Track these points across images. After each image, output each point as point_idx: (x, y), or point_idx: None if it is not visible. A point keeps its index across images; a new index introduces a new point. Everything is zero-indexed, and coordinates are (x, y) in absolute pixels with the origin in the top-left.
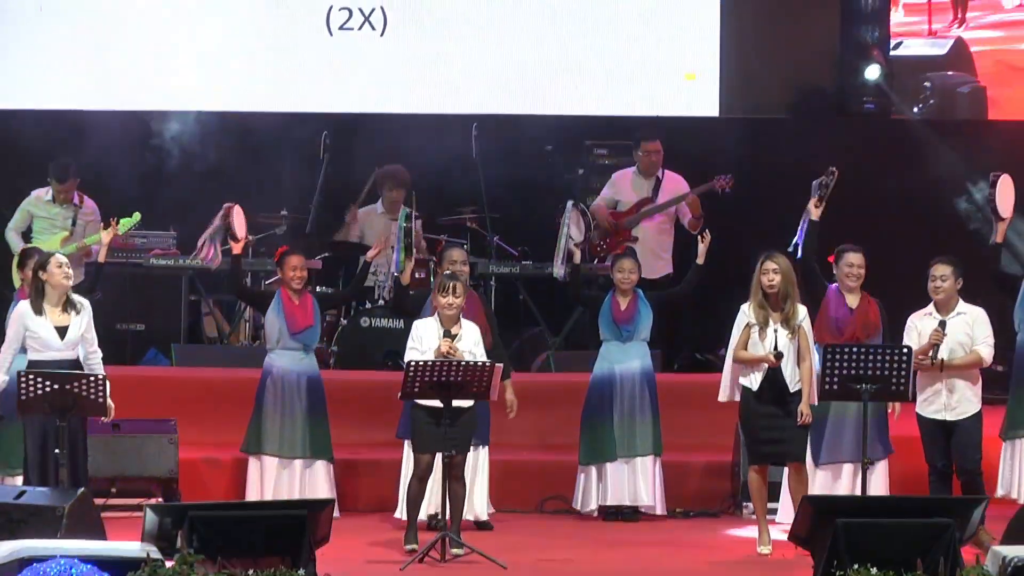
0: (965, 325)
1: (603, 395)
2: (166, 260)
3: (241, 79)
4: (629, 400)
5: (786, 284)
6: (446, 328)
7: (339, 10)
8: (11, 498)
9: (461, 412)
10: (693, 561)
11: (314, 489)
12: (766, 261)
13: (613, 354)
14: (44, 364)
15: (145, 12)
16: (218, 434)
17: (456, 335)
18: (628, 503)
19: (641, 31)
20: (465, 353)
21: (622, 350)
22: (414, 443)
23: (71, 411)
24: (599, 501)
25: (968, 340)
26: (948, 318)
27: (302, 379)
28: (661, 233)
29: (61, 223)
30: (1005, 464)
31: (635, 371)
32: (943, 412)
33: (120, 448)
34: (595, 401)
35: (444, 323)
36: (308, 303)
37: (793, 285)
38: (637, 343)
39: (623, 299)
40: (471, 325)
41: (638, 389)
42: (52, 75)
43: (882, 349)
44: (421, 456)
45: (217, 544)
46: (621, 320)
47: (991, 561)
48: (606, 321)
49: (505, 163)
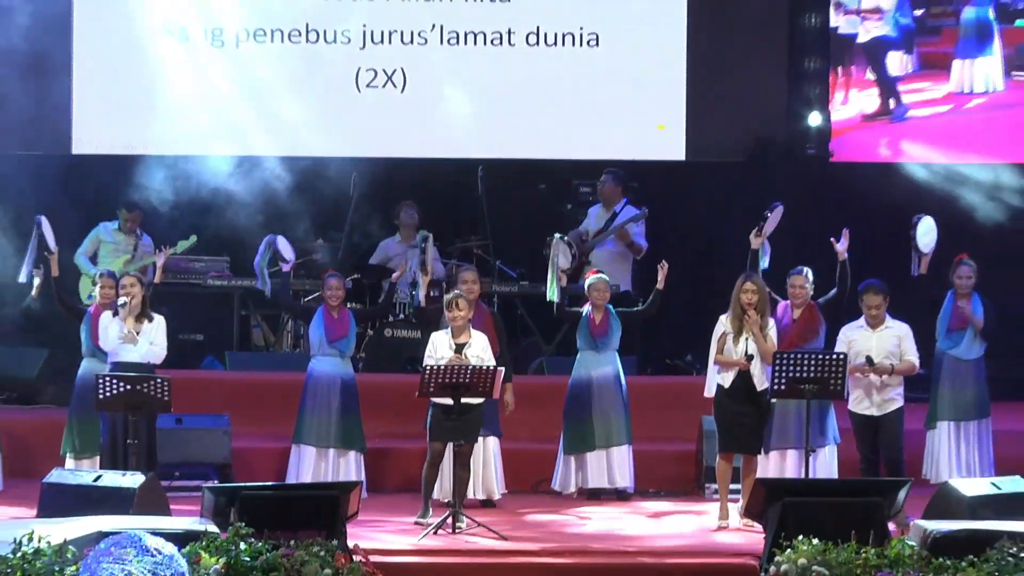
0: (893, 337)
1: (581, 396)
2: (221, 281)
3: (282, 128)
4: (605, 399)
5: (762, 301)
6: (456, 338)
7: (366, 71)
8: (90, 481)
9: (469, 409)
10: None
11: (347, 474)
12: (746, 282)
13: (589, 361)
14: (121, 367)
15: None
16: (264, 427)
17: (466, 343)
18: (607, 486)
19: (619, 88)
20: (474, 358)
21: (596, 358)
22: (429, 434)
23: (141, 408)
24: (578, 485)
25: (896, 350)
26: (877, 332)
27: (338, 381)
28: (614, 257)
29: (124, 248)
30: (927, 451)
31: (609, 375)
32: (871, 409)
33: (182, 439)
34: (574, 401)
35: (454, 334)
36: (345, 317)
37: (766, 302)
38: (609, 352)
39: (598, 315)
40: (479, 335)
41: (612, 390)
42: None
43: (821, 356)
44: (434, 444)
45: (264, 519)
46: (596, 333)
47: (914, 533)
48: (584, 334)
49: (505, 199)
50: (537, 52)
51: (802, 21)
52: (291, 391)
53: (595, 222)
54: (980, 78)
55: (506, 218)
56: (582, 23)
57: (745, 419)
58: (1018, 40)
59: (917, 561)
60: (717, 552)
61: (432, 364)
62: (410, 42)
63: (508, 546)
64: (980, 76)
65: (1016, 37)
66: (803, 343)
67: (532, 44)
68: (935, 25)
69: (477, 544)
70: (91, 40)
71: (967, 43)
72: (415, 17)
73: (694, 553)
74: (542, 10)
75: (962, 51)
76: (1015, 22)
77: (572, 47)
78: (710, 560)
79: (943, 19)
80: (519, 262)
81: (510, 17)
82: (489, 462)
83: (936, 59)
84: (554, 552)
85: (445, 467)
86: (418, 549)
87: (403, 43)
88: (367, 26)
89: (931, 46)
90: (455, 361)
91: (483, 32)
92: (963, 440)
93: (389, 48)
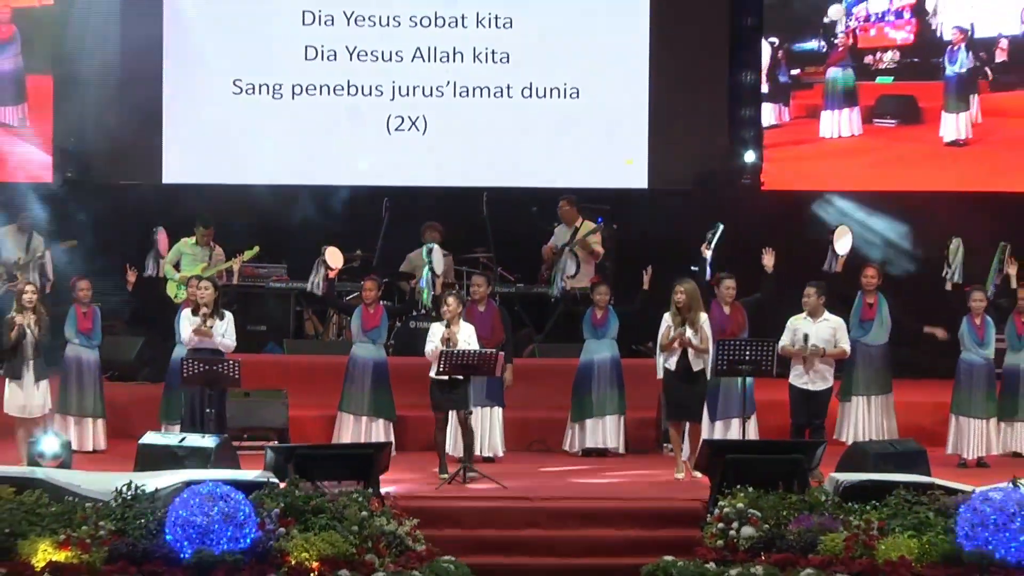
0: (830, 328)
1: (586, 376)
2: (280, 284)
3: (328, 162)
4: (603, 378)
5: (689, 300)
6: (448, 327)
7: (395, 118)
8: (176, 442)
9: (457, 384)
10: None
11: (379, 437)
12: (677, 285)
13: (592, 348)
14: (199, 351)
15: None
16: (314, 399)
17: (456, 331)
18: (600, 446)
19: (595, 131)
20: (461, 343)
21: (597, 345)
22: (432, 405)
23: (216, 384)
24: (580, 445)
25: (832, 338)
26: (816, 323)
27: (372, 363)
28: (579, 264)
29: (200, 258)
30: (841, 418)
31: (607, 359)
32: (808, 384)
33: (249, 408)
34: (581, 380)
35: (450, 323)
36: (379, 312)
37: (696, 300)
38: (608, 340)
39: (599, 311)
40: (467, 325)
41: (609, 371)
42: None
43: (755, 342)
44: (436, 414)
45: (313, 472)
46: (598, 325)
47: (828, 484)
48: (588, 326)
49: (505, 218)
50: (530, 103)
51: (739, 80)
52: (336, 371)
53: (560, 238)
54: (846, 125)
55: (505, 233)
56: (565, 80)
57: (686, 394)
58: (875, 94)
59: (830, 506)
60: (673, 498)
61: (432, 348)
62: (430, 95)
63: (507, 492)
64: (845, 123)
65: (873, 92)
66: (734, 333)
67: (526, 96)
68: (808, 81)
69: (482, 491)
70: (178, 92)
71: (833, 97)
72: (434, 76)
73: (655, 498)
74: (534, 70)
75: (829, 104)
76: (875, 79)
77: (558, 99)
78: (667, 504)
79: (814, 77)
80: (516, 268)
81: (509, 76)
82: (495, 427)
83: (808, 109)
84: (542, 497)
85: (457, 432)
86: (435, 495)
87: (424, 96)
88: (396, 83)
89: (803, 99)
90: (444, 346)
91: (488, 87)
92: (870, 410)
93: (413, 100)
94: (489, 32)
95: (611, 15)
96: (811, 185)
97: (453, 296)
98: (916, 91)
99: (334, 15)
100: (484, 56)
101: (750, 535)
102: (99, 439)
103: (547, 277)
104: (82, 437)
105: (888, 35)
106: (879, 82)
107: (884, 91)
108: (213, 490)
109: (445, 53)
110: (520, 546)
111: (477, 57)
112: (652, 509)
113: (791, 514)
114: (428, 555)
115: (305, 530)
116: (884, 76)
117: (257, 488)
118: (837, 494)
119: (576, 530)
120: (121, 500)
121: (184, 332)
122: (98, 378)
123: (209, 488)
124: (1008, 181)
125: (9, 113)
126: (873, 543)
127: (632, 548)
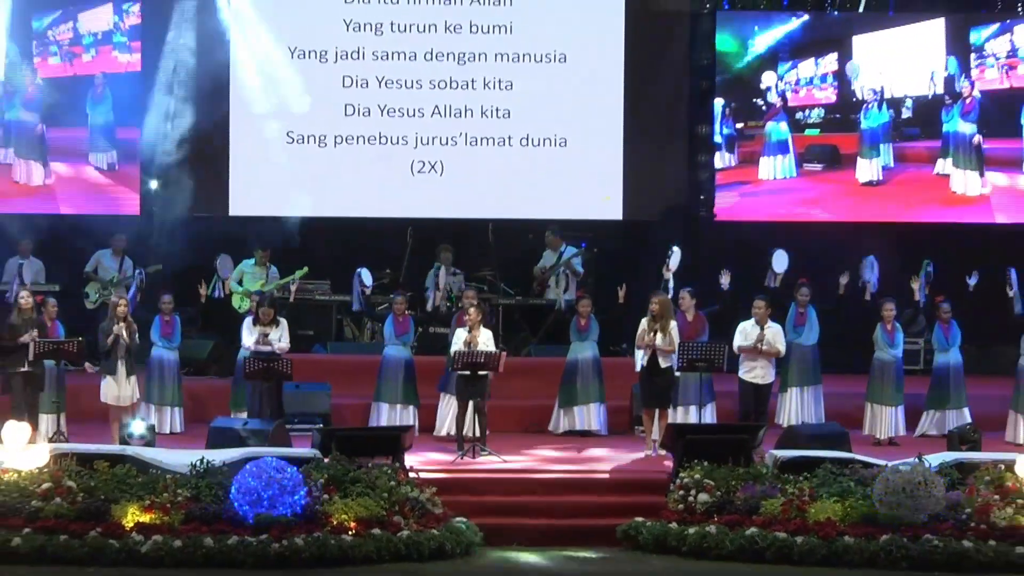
0: (771, 332)
1: (571, 371)
2: (324, 297)
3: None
4: (586, 373)
5: (662, 310)
6: (470, 332)
7: (417, 162)
8: (240, 425)
9: (478, 378)
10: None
11: (406, 421)
12: (652, 297)
13: (576, 349)
14: (259, 353)
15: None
16: (353, 390)
17: (476, 335)
18: (585, 428)
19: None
20: (482, 345)
21: (581, 347)
22: (456, 395)
23: (273, 378)
24: (566, 427)
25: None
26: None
27: (402, 361)
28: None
29: (259, 276)
30: (779, 406)
31: (589, 358)
32: (757, 379)
33: (300, 398)
34: (568, 375)
35: (471, 329)
36: (407, 320)
37: (668, 310)
38: (590, 342)
39: (583, 319)
40: (487, 331)
41: (591, 368)
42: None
43: (709, 344)
44: (460, 403)
45: (352, 450)
46: (582, 331)
47: (768, 460)
48: (573, 331)
49: (506, 244)
50: (527, 150)
51: (696, 132)
52: (371, 368)
53: (548, 261)
54: (781, 168)
55: (507, 256)
56: (555, 131)
57: (655, 386)
58: (805, 143)
59: (770, 477)
60: (644, 471)
61: (456, 350)
62: (446, 144)
63: (507, 465)
64: (781, 167)
65: (803, 141)
66: (695, 336)
67: (524, 145)
68: (750, 133)
69: (487, 464)
70: (240, 139)
71: (770, 146)
72: (449, 129)
73: (629, 471)
74: (529, 123)
75: (767, 151)
76: (804, 131)
77: (549, 147)
78: (639, 475)
79: (755, 129)
80: (516, 284)
81: (510, 128)
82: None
83: (751, 155)
84: (535, 469)
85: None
86: (450, 468)
87: (442, 144)
88: (418, 134)
89: (747, 147)
90: (469, 340)
91: (493, 137)
92: (803, 399)
93: (432, 148)
94: (494, 93)
95: (593, 81)
96: (755, 217)
97: (474, 307)
98: (838, 141)
99: (368, 80)
100: (490, 112)
101: (705, 500)
102: (177, 423)
103: (539, 292)
104: (163, 422)
105: (815, 96)
106: (808, 134)
107: (812, 141)
108: (270, 464)
109: (458, 110)
110: (520, 509)
111: (484, 113)
112: (626, 480)
113: (739, 483)
114: (444, 517)
115: (344, 496)
116: (812, 129)
117: (306, 463)
118: (776, 467)
119: (564, 496)
120: (195, 472)
121: (246, 339)
122: (177, 373)
123: (267, 462)
124: (913, 214)
125: (102, 159)
126: (805, 507)
127: (610, 511)
